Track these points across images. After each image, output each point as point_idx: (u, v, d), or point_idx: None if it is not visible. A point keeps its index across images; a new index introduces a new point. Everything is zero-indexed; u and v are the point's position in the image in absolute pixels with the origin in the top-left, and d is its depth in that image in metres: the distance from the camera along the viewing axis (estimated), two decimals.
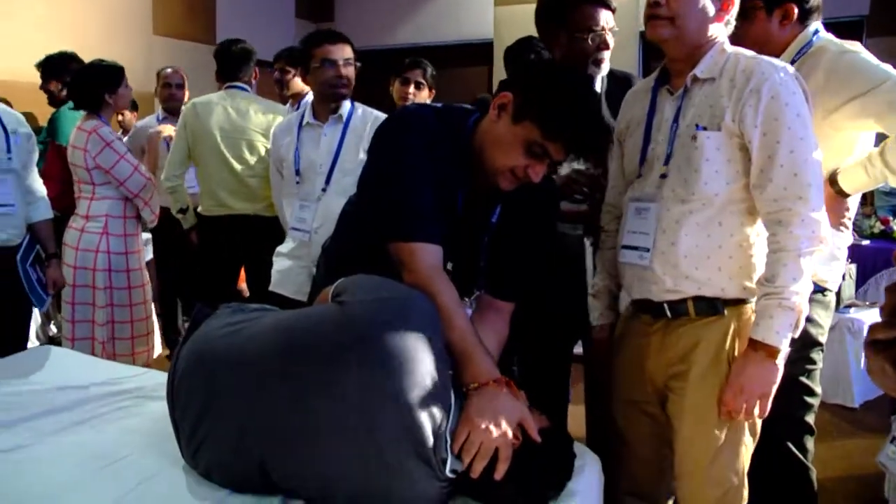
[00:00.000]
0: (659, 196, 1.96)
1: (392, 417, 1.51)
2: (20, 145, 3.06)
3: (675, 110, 1.97)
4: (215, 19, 7.81)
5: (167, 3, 7.20)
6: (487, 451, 1.56)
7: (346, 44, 3.00)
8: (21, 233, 3.05)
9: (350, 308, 1.60)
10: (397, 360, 1.52)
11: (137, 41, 6.75)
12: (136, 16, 6.86)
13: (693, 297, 1.93)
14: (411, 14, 8.73)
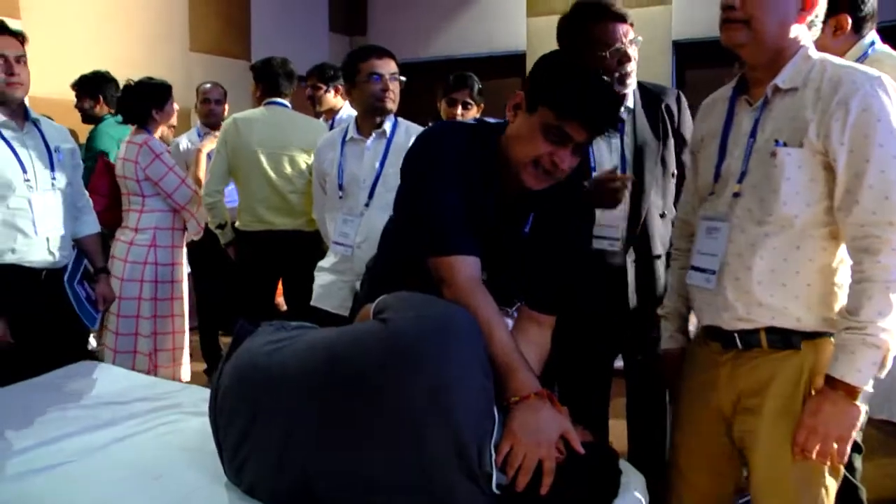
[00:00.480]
0: (732, 216, 1.82)
1: (439, 433, 1.50)
2: (63, 162, 3.03)
3: (753, 123, 1.82)
4: (250, 35, 7.89)
5: (203, 20, 7.28)
6: (531, 464, 1.55)
7: (391, 59, 3.02)
8: (69, 253, 3.03)
9: (393, 325, 1.60)
10: (443, 376, 1.52)
11: (175, 58, 6.83)
12: (173, 33, 6.95)
13: (766, 327, 1.78)
14: (444, 26, 8.75)
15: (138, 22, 6.53)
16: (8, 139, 2.84)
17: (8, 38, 2.80)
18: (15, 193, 2.81)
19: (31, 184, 2.85)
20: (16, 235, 2.82)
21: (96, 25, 6.01)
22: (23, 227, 2.83)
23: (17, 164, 2.82)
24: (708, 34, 6.98)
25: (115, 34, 6.15)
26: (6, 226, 2.80)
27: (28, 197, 2.84)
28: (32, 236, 2.85)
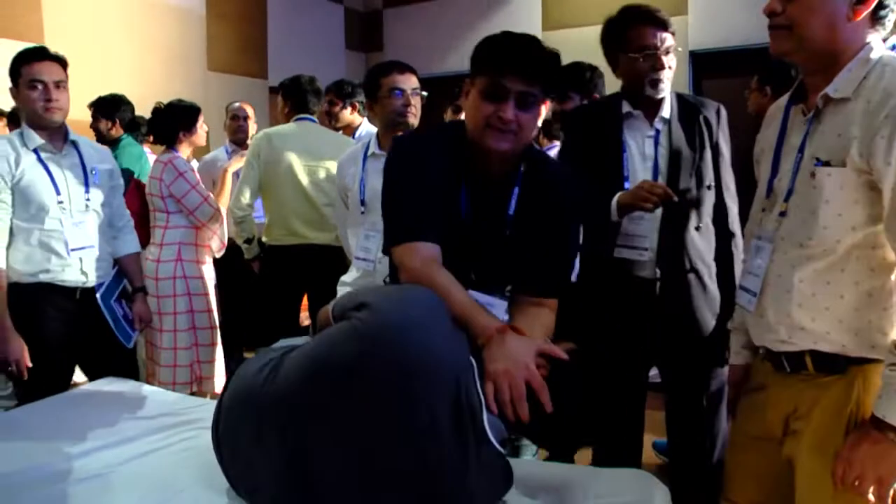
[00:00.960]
0: (777, 236, 1.71)
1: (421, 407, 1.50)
2: (99, 182, 3.06)
3: (803, 136, 1.68)
4: (267, 54, 7.96)
5: (221, 39, 7.36)
6: (520, 391, 1.54)
7: (413, 73, 3.03)
8: (104, 273, 3.05)
9: (357, 318, 1.59)
10: (413, 353, 1.51)
11: (193, 77, 6.91)
12: (190, 53, 7.03)
13: (810, 350, 1.67)
14: (460, 41, 8.77)
15: (157, 43, 6.61)
16: (45, 161, 2.89)
17: (49, 64, 2.85)
18: (48, 215, 2.86)
19: (65, 205, 2.90)
20: (49, 256, 2.87)
21: (117, 47, 6.09)
22: (56, 247, 2.88)
23: (51, 187, 2.87)
24: (724, 44, 7.00)
25: (134, 55, 6.23)
26: (41, 246, 2.86)
27: (60, 218, 2.89)
28: (65, 256, 2.89)
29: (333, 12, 9.02)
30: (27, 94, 2.83)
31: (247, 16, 7.73)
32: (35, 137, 2.88)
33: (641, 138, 2.49)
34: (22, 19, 5.66)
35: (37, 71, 2.82)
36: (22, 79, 2.84)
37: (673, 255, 2.45)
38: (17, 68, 2.85)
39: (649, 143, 2.47)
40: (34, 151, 2.87)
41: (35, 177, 2.85)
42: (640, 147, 2.48)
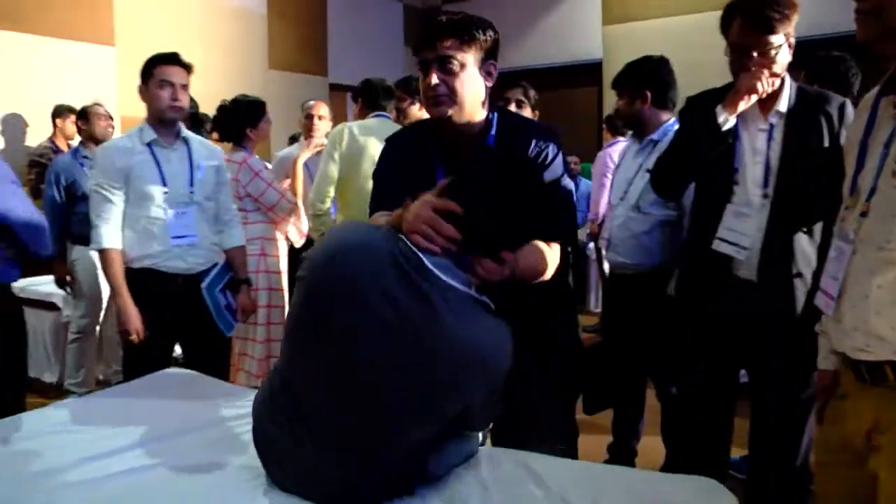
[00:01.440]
0: (857, 237, 1.59)
1: (365, 280, 1.58)
2: (204, 177, 3.19)
3: (890, 132, 1.57)
4: (327, 52, 8.03)
5: (281, 38, 7.45)
6: (428, 217, 1.63)
7: None
8: (205, 262, 3.17)
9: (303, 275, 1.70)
10: (350, 242, 1.65)
11: (254, 75, 7.01)
12: (252, 52, 7.13)
13: (889, 361, 1.53)
14: (519, 37, 8.74)
15: (220, 42, 6.72)
16: (155, 154, 3.08)
17: (177, 68, 3.09)
18: (154, 204, 3.04)
19: (169, 196, 3.07)
20: (153, 243, 3.04)
21: (182, 47, 6.10)
22: (159, 235, 3.04)
23: (158, 178, 3.05)
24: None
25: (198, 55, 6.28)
26: (145, 233, 3.04)
27: (165, 207, 3.05)
28: (167, 244, 3.05)
29: (392, 9, 9.06)
30: (156, 93, 3.05)
31: (307, 15, 7.81)
32: (150, 133, 3.08)
33: (754, 131, 2.34)
34: (94, 23, 5.82)
35: (167, 73, 3.06)
36: (153, 79, 3.06)
37: (777, 258, 2.30)
38: (150, 69, 3.08)
39: (762, 137, 2.31)
40: (147, 145, 3.07)
41: (144, 168, 3.04)
42: (751, 141, 2.33)
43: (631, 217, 3.03)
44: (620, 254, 3.08)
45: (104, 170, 3.04)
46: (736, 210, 2.32)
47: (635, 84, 3.08)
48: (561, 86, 8.64)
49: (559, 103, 8.48)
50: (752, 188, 2.31)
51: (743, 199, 2.31)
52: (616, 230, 3.10)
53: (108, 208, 3.02)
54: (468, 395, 1.62)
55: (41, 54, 5.49)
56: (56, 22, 5.56)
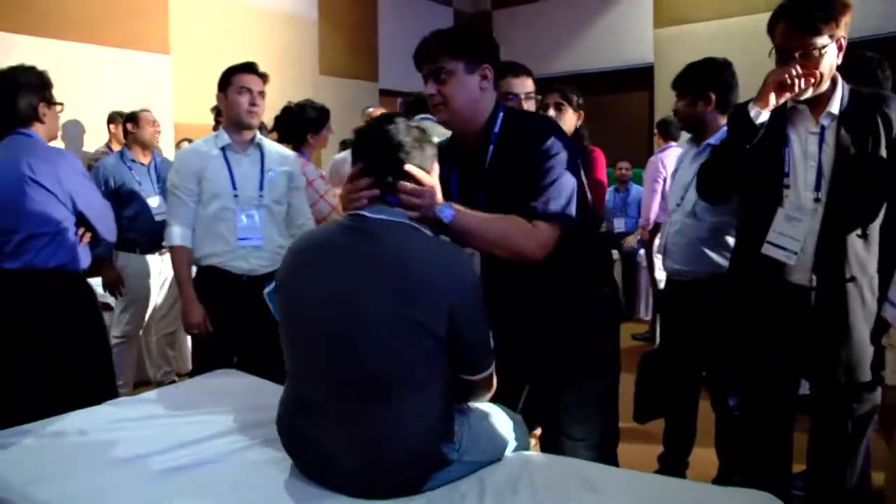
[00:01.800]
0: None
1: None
2: (273, 182, 3.30)
3: None
4: (378, 57, 8.08)
5: (332, 44, 7.52)
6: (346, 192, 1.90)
7: (528, 77, 2.99)
8: (268, 264, 3.24)
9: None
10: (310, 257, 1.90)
11: (305, 80, 7.08)
12: (303, 57, 7.22)
13: None
14: (569, 42, 8.70)
15: (272, 48, 6.81)
16: (228, 159, 3.23)
17: (255, 77, 3.26)
18: (223, 206, 3.19)
19: (239, 199, 3.21)
20: (218, 242, 3.19)
21: (235, 54, 6.22)
22: (226, 235, 3.19)
23: (229, 181, 3.20)
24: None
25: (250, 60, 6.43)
26: (213, 233, 3.19)
27: (234, 209, 3.20)
28: (233, 245, 3.19)
29: (443, 14, 9.09)
30: (235, 99, 3.20)
31: (358, 20, 7.87)
32: (225, 137, 3.24)
33: (805, 134, 2.29)
34: (150, 32, 5.94)
35: (246, 80, 3.22)
36: (232, 86, 3.21)
37: (831, 262, 2.24)
38: (229, 77, 3.23)
39: (813, 140, 2.26)
40: (221, 150, 3.23)
41: (216, 171, 3.20)
42: (802, 144, 2.28)
43: (687, 223, 2.97)
44: (677, 261, 3.03)
45: (179, 172, 3.22)
46: (787, 214, 2.27)
47: (699, 85, 3.01)
48: (612, 90, 8.57)
49: (610, 108, 8.42)
50: (803, 192, 2.26)
51: (794, 204, 2.27)
52: (672, 237, 3.05)
53: (180, 208, 3.21)
54: (434, 308, 1.72)
55: (102, 63, 5.63)
56: (117, 32, 5.70)
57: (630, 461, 2.45)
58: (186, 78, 6.16)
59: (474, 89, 2.13)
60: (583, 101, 3.68)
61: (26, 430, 2.20)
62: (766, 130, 2.30)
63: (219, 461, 1.98)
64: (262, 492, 1.81)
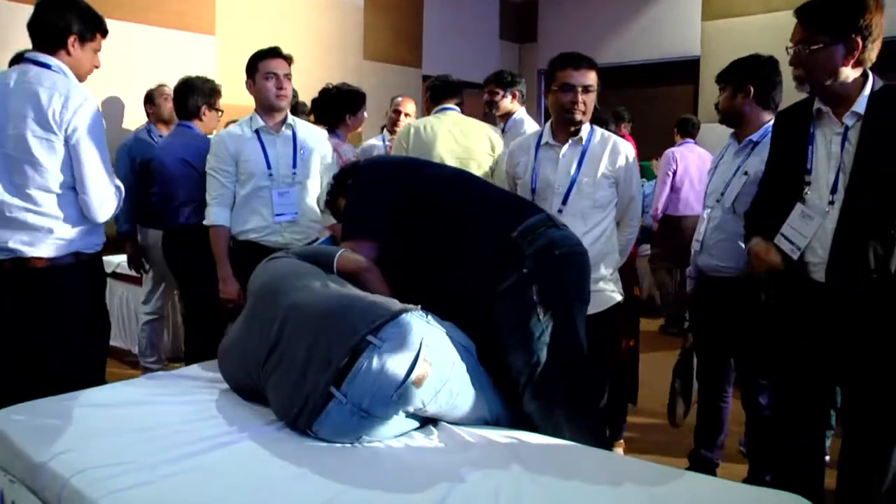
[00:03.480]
0: None
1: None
2: (306, 161, 3.46)
3: None
4: (422, 44, 8.07)
5: (377, 30, 7.52)
6: None
7: (590, 70, 2.94)
8: (302, 237, 3.43)
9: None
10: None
11: (349, 65, 7.10)
12: (348, 42, 7.23)
13: None
14: (615, 33, 8.61)
15: (317, 32, 6.84)
16: (262, 140, 3.39)
17: (280, 60, 3.36)
18: (259, 185, 3.36)
19: (274, 177, 3.38)
20: (255, 218, 3.37)
21: (278, 37, 6.28)
22: (262, 211, 3.37)
23: (264, 162, 3.37)
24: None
25: (296, 44, 6.42)
26: (250, 210, 3.37)
27: (269, 187, 3.36)
28: (268, 220, 3.37)
29: (489, 2, 9.05)
30: (263, 84, 3.33)
31: (403, 6, 7.87)
32: (259, 120, 3.40)
33: (830, 135, 2.29)
34: (196, 13, 6.00)
35: (272, 65, 3.33)
36: (259, 72, 3.34)
37: (849, 263, 2.21)
38: (255, 63, 3.35)
39: (836, 140, 2.26)
40: (255, 132, 3.39)
41: (251, 153, 3.36)
42: (826, 145, 2.28)
43: (727, 219, 2.95)
44: (714, 256, 3.00)
45: (217, 155, 3.39)
46: (803, 211, 2.28)
47: (738, 77, 2.99)
48: (656, 83, 8.47)
49: (654, 100, 8.32)
50: (823, 191, 2.26)
51: (812, 202, 2.28)
52: (711, 232, 3.02)
53: (219, 190, 3.39)
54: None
55: (148, 42, 5.69)
56: (164, 12, 5.75)
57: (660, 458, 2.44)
58: (230, 59, 6.19)
59: None
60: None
61: (63, 399, 2.26)
62: (792, 127, 2.34)
63: (248, 440, 2.00)
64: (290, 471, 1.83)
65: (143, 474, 1.76)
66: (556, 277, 2.31)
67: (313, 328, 2.04)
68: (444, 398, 2.04)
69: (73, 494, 1.73)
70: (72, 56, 2.72)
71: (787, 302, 2.37)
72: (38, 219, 2.62)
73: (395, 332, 1.98)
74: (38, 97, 2.58)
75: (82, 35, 2.73)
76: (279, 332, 2.11)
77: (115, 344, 5.07)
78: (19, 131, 2.58)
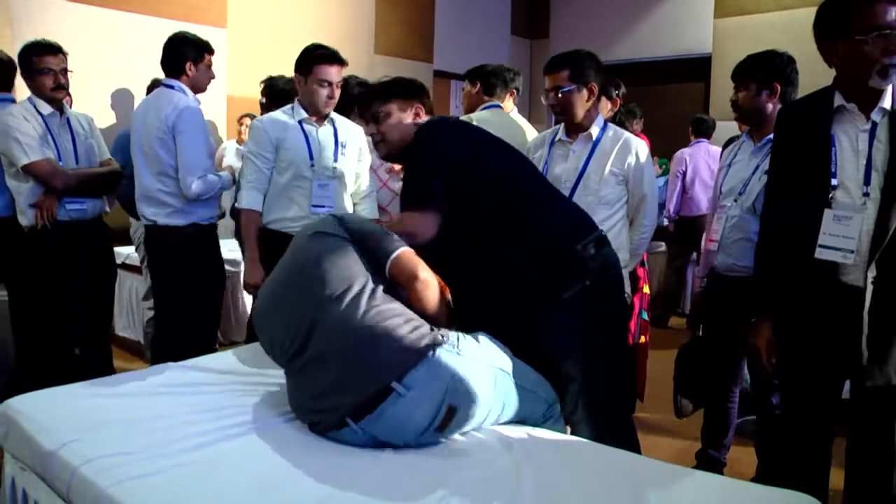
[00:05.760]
0: None
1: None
2: (346, 155, 3.51)
3: None
4: (433, 38, 8.06)
5: (388, 24, 7.52)
6: None
7: (557, 72, 3.04)
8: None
9: None
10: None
11: (360, 59, 7.08)
12: (359, 36, 7.22)
13: None
14: (628, 29, 8.58)
15: (328, 25, 6.83)
16: (305, 131, 3.42)
17: (337, 68, 3.39)
18: (300, 174, 3.38)
19: (316, 169, 3.40)
20: (293, 207, 3.39)
21: (289, 30, 6.34)
22: (300, 202, 3.39)
23: (307, 152, 3.39)
24: None
25: (307, 37, 6.40)
26: (286, 199, 3.39)
27: (310, 178, 3.39)
28: (306, 211, 3.38)
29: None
30: (315, 90, 3.35)
31: (415, 0, 7.85)
32: (301, 112, 3.43)
33: (855, 133, 2.22)
34: (207, 6, 6.00)
35: (328, 73, 3.36)
36: (312, 76, 3.34)
37: (888, 261, 2.17)
38: (311, 65, 3.36)
39: (864, 137, 2.20)
40: (299, 122, 3.42)
41: (295, 142, 3.38)
42: (852, 143, 2.22)
43: (746, 219, 2.91)
44: (731, 255, 2.97)
45: (257, 140, 3.39)
46: (835, 214, 2.21)
47: (765, 75, 2.94)
48: (668, 80, 8.44)
49: (665, 98, 8.29)
50: (853, 189, 2.20)
51: (843, 203, 2.21)
52: (729, 231, 2.99)
53: (257, 174, 3.38)
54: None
55: (161, 35, 5.66)
56: (176, 5, 5.75)
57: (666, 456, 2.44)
58: (242, 52, 6.21)
59: (406, 125, 2.59)
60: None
61: (72, 389, 2.29)
62: (810, 135, 2.27)
63: (257, 431, 2.02)
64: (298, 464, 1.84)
65: (152, 464, 1.77)
66: (617, 294, 2.58)
67: (339, 360, 1.97)
68: (471, 427, 2.03)
69: (82, 483, 1.74)
70: (190, 76, 3.60)
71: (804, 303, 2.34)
72: (166, 197, 3.50)
73: (422, 377, 1.91)
74: (159, 109, 3.47)
75: (195, 60, 3.62)
76: (306, 336, 2.03)
77: (125, 335, 5.12)
78: (150, 134, 3.47)
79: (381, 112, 2.57)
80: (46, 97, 3.53)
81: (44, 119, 3.52)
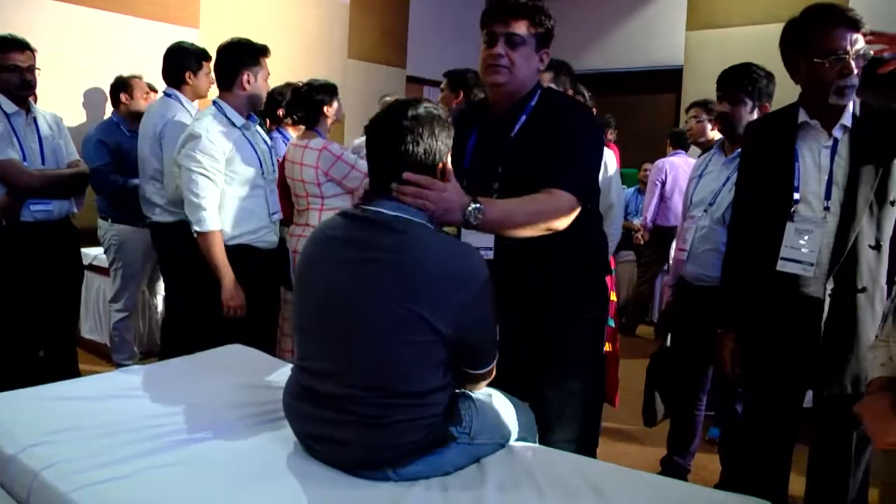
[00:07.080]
0: None
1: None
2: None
3: None
4: (407, 44, 8.07)
5: (362, 29, 7.51)
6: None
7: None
8: (281, 234, 3.47)
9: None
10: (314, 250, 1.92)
11: (333, 64, 7.08)
12: (332, 41, 7.21)
13: None
14: (600, 40, 8.64)
15: (301, 29, 6.81)
16: (247, 137, 3.28)
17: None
18: (253, 183, 3.24)
19: (266, 175, 3.31)
20: (252, 219, 3.25)
21: (264, 33, 6.25)
22: (258, 212, 3.27)
23: (256, 159, 3.27)
24: None
25: (279, 41, 6.43)
26: (244, 211, 3.23)
27: (263, 186, 3.29)
28: (265, 220, 3.30)
29: (475, 4, 8.99)
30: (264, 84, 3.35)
31: (389, 5, 7.86)
32: (237, 116, 3.25)
33: (817, 148, 2.30)
34: (180, 6, 5.96)
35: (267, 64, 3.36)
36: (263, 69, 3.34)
37: (845, 273, 2.25)
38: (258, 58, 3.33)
39: (825, 153, 2.28)
40: (239, 128, 3.25)
41: (243, 150, 3.23)
42: (815, 158, 2.29)
43: (715, 229, 2.95)
44: (700, 265, 3.01)
45: (211, 155, 3.12)
46: (797, 228, 2.29)
47: (753, 90, 2.95)
48: (640, 91, 8.51)
49: (636, 109, 8.36)
50: (815, 204, 2.28)
51: (805, 216, 2.28)
52: (698, 241, 3.03)
53: (211, 190, 3.12)
54: (441, 307, 1.70)
55: (131, 33, 5.65)
56: (148, 3, 5.70)
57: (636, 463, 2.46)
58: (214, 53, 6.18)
59: (534, 67, 2.26)
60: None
61: (35, 392, 2.25)
62: (776, 149, 2.34)
63: (221, 435, 1.99)
64: (263, 466, 1.82)
65: (115, 469, 1.74)
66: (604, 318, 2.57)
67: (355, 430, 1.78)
68: None
69: (43, 488, 1.71)
70: (191, 85, 3.87)
71: (766, 314, 2.38)
72: (158, 198, 3.77)
73: (418, 470, 1.79)
74: (154, 117, 3.80)
75: (195, 69, 3.86)
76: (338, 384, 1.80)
77: (91, 337, 5.04)
78: (145, 140, 3.81)
79: (518, 36, 2.19)
80: (11, 95, 3.39)
81: (8, 118, 3.38)
